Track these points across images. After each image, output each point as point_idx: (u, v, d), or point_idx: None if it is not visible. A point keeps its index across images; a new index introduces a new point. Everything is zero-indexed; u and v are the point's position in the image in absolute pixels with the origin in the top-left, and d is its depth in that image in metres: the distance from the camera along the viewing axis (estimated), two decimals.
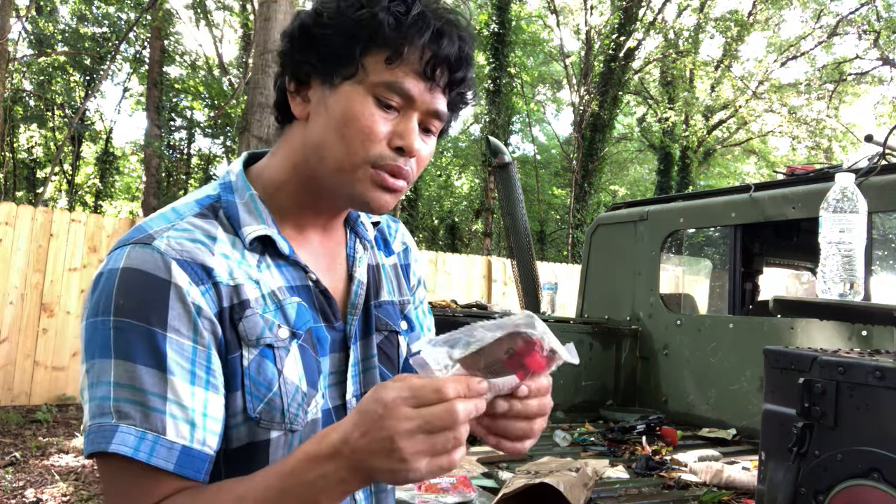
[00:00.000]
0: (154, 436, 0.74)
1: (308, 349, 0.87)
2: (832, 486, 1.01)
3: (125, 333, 0.75)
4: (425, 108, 0.85)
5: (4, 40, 9.17)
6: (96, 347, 0.76)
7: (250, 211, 0.87)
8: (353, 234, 1.02)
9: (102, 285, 0.77)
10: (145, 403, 0.74)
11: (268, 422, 0.82)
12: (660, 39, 18.38)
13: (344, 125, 0.83)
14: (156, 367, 0.75)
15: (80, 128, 14.95)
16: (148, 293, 0.76)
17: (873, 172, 2.55)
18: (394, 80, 0.82)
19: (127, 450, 0.73)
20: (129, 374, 0.75)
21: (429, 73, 0.83)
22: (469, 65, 0.86)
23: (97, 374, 0.76)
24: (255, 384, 0.82)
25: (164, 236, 0.80)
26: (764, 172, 23.85)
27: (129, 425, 0.74)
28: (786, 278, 4.18)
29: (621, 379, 3.46)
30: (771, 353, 1.16)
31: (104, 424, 0.74)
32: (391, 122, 0.84)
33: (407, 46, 0.81)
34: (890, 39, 16.82)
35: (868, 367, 1.01)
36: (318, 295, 0.90)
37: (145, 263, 0.77)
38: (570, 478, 1.83)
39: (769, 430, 1.14)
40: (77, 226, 7.17)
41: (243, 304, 0.82)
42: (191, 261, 0.80)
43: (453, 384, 0.67)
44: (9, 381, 6.66)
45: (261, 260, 0.86)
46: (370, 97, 0.83)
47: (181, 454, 0.75)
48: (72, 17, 15.68)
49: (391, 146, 0.84)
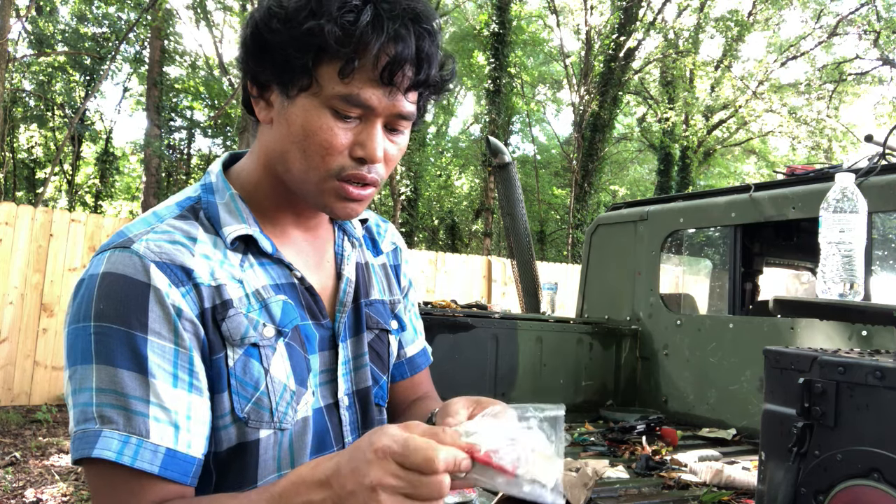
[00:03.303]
0: (138, 439, 0.73)
1: (296, 347, 0.86)
2: (832, 486, 1.01)
3: (106, 338, 0.75)
4: (388, 114, 0.82)
5: (4, 40, 9.17)
6: (78, 353, 0.76)
7: (231, 211, 0.87)
8: (340, 232, 1.01)
9: (83, 291, 0.77)
10: (128, 407, 0.74)
11: (256, 421, 0.82)
12: (660, 39, 18.38)
13: (303, 139, 0.81)
14: (137, 371, 0.74)
15: (80, 128, 14.95)
16: (127, 297, 0.76)
17: (873, 172, 2.55)
18: (349, 93, 0.79)
19: (110, 454, 0.72)
20: (111, 379, 0.74)
21: (387, 79, 0.79)
22: (432, 61, 0.82)
23: (80, 381, 0.75)
24: (241, 384, 0.81)
25: (144, 239, 0.79)
26: (764, 172, 23.85)
27: (112, 430, 0.73)
28: (786, 278, 4.18)
29: (621, 379, 3.46)
30: (771, 353, 1.16)
31: (88, 430, 0.74)
32: (352, 132, 0.82)
33: (359, 56, 0.77)
34: (890, 39, 16.82)
35: (868, 367, 1.01)
36: (303, 292, 0.90)
37: (124, 268, 0.77)
38: (570, 478, 1.83)
39: (769, 430, 1.14)
40: (77, 226, 7.17)
41: (226, 304, 0.81)
42: (170, 262, 0.79)
43: (444, 456, 0.64)
44: (9, 381, 6.66)
45: (244, 259, 0.86)
46: (327, 110, 0.80)
47: (166, 457, 0.74)
48: (72, 17, 15.68)
49: (353, 156, 0.82)
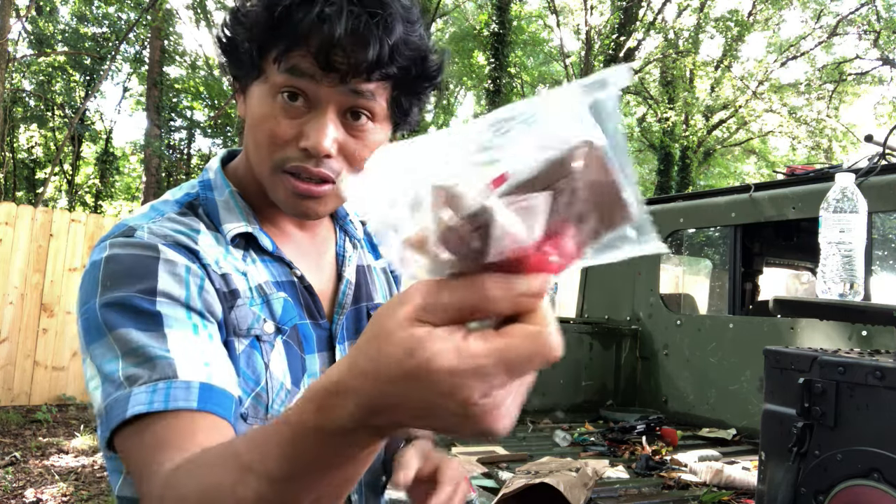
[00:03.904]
0: (166, 382, 0.66)
1: (293, 346, 0.84)
2: (832, 486, 1.01)
3: (114, 308, 0.71)
4: (337, 99, 0.78)
5: (4, 40, 9.17)
6: (92, 332, 0.72)
7: (230, 209, 0.85)
8: (342, 232, 0.99)
9: (87, 278, 0.75)
10: (150, 357, 0.68)
11: (253, 418, 0.78)
12: (660, 39, 18.38)
13: (253, 130, 0.80)
14: (154, 328, 0.70)
15: (80, 128, 14.94)
16: (134, 268, 0.73)
17: (873, 172, 2.55)
18: (286, 79, 0.77)
19: (141, 407, 0.64)
20: (128, 341, 0.69)
21: (323, 62, 0.75)
22: (381, 45, 0.75)
23: (101, 356, 0.70)
24: (244, 377, 0.78)
25: (146, 227, 0.78)
26: (764, 172, 23.83)
27: (140, 385, 0.66)
28: (786, 278, 4.18)
29: (621, 379, 3.46)
30: (771, 353, 1.16)
31: (118, 397, 0.66)
32: (300, 123, 0.78)
33: (290, 40, 0.75)
34: (890, 39, 16.82)
35: (868, 367, 1.01)
36: (302, 291, 0.88)
37: (131, 248, 0.74)
38: (570, 478, 1.83)
39: (769, 430, 1.14)
40: (77, 226, 7.16)
41: (234, 293, 0.79)
42: (176, 244, 0.77)
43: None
44: (9, 381, 6.65)
45: (245, 255, 0.84)
46: (273, 99, 0.78)
47: (202, 391, 0.67)
48: (72, 17, 15.67)
49: (300, 148, 0.78)
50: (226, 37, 0.82)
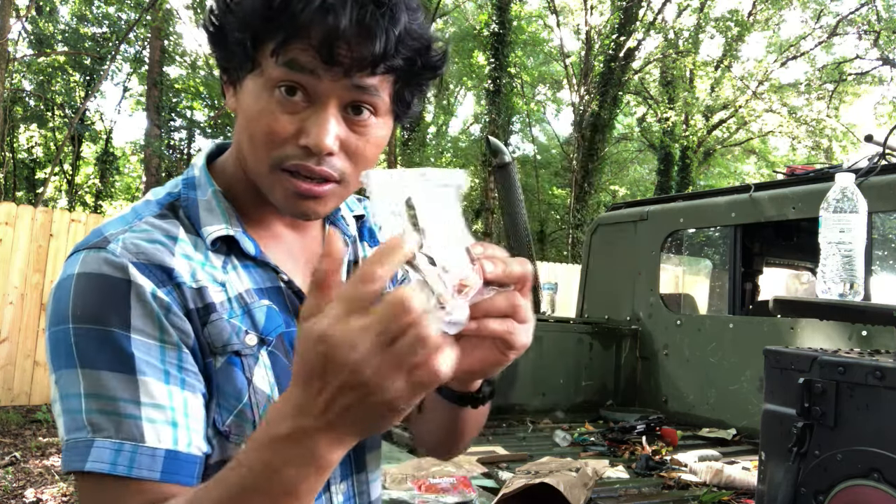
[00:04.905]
0: (132, 445, 0.66)
1: (280, 356, 0.79)
2: (832, 486, 1.01)
3: (87, 340, 0.68)
4: (339, 94, 0.73)
5: (4, 40, 9.17)
6: (61, 358, 0.69)
7: (211, 209, 0.80)
8: (334, 229, 0.95)
9: (59, 294, 0.71)
10: (117, 411, 0.67)
11: (238, 436, 0.75)
12: (660, 39, 18.38)
13: (248, 126, 0.76)
14: (124, 371, 0.68)
15: (80, 128, 14.93)
16: (106, 296, 0.70)
17: (873, 172, 2.55)
18: (285, 72, 0.72)
19: (103, 466, 0.65)
20: (97, 383, 0.67)
21: (325, 55, 0.70)
22: (387, 36, 0.71)
23: (66, 386, 0.69)
24: (223, 395, 0.74)
25: (120, 239, 0.73)
26: (764, 172, 23.84)
27: (104, 438, 0.66)
28: (786, 278, 4.18)
29: (621, 379, 3.46)
30: (771, 353, 1.16)
31: (79, 440, 0.67)
32: (300, 118, 0.74)
33: (289, 32, 0.70)
34: (890, 39, 16.82)
35: (868, 367, 1.01)
36: (290, 296, 0.82)
37: (100, 267, 0.71)
38: (570, 478, 1.83)
39: (769, 430, 1.14)
40: (77, 226, 7.17)
41: (208, 308, 0.75)
42: (147, 263, 0.72)
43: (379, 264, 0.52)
44: (9, 381, 6.66)
45: (226, 261, 0.79)
46: (270, 93, 0.73)
47: (166, 460, 0.67)
48: (72, 17, 15.68)
49: (300, 145, 0.74)
50: (213, 25, 0.76)
